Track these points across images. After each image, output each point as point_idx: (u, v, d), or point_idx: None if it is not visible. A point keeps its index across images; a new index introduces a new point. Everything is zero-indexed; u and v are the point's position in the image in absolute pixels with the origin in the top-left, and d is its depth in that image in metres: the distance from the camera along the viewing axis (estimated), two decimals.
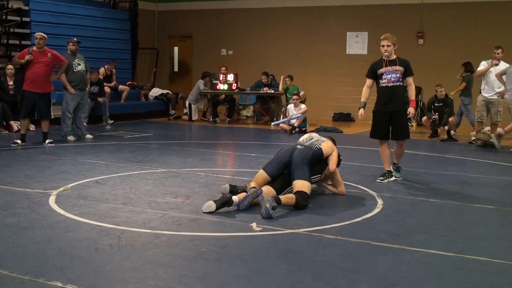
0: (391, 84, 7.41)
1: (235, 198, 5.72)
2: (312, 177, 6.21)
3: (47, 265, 4.10)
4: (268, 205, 5.43)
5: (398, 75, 7.37)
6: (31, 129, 12.31)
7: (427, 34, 16.05)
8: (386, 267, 4.22)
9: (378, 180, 7.48)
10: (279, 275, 4.00)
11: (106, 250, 4.45)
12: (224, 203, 5.63)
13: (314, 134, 6.70)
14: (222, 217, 5.49)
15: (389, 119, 7.50)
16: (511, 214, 6.06)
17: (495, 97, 11.55)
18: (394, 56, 7.43)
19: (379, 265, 4.26)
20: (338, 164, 6.58)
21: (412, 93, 7.48)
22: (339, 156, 6.61)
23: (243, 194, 5.86)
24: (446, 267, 4.25)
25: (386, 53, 7.37)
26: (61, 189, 6.55)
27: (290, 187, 6.05)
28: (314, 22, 17.41)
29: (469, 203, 6.39)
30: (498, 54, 11.55)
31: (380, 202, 6.29)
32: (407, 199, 6.51)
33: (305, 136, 6.66)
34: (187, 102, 16.01)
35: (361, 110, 7.73)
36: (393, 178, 7.58)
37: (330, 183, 6.66)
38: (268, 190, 5.93)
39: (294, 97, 13.73)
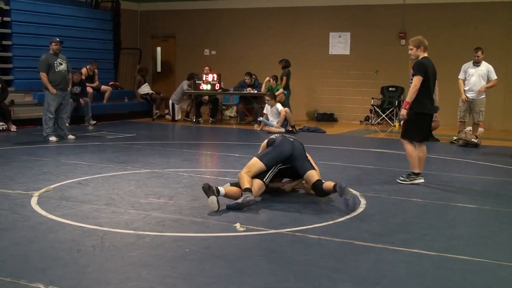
0: (410, 85, 7.41)
1: (221, 189, 5.85)
2: None
3: (29, 266, 4.07)
4: (348, 197, 5.85)
5: (412, 77, 7.36)
6: (12, 129, 12.23)
7: (409, 34, 16.10)
8: (369, 267, 4.25)
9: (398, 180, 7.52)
10: (263, 275, 4.01)
11: (88, 251, 4.43)
12: (213, 192, 5.70)
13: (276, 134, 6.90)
14: (205, 218, 5.49)
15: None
16: (492, 213, 6.12)
17: (478, 96, 11.62)
18: (419, 57, 7.39)
19: (362, 265, 4.28)
20: None
21: (408, 94, 7.26)
22: None
23: (234, 189, 6.00)
24: (428, 266, 4.28)
25: (411, 56, 7.48)
26: (43, 190, 6.50)
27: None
28: (297, 23, 17.44)
29: (451, 203, 6.44)
30: (478, 56, 11.65)
31: (363, 202, 6.32)
32: (389, 199, 6.54)
33: (275, 134, 6.79)
34: (170, 102, 15.99)
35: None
36: (417, 181, 7.40)
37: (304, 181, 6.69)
38: (257, 184, 6.08)
39: (267, 98, 13.71)
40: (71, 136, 11.22)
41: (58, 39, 11.10)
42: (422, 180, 7.41)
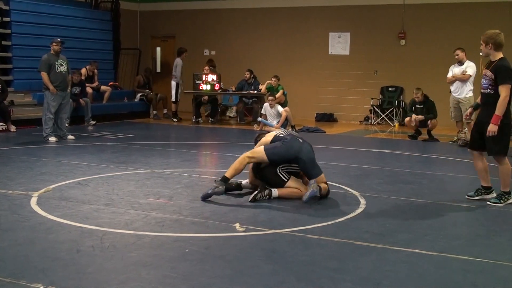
0: (482, 90, 6.43)
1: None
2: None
3: (29, 267, 4.06)
4: (315, 189, 6.08)
5: (486, 81, 6.32)
6: (12, 130, 12.21)
7: (409, 34, 16.14)
8: (370, 267, 4.24)
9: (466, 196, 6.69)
10: (263, 275, 4.00)
11: (88, 251, 4.42)
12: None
13: (283, 130, 7.00)
14: (205, 218, 5.48)
15: (480, 130, 6.45)
16: (492, 213, 6.11)
17: (463, 96, 11.59)
18: (496, 58, 6.34)
19: (363, 265, 4.27)
20: None
21: (498, 106, 6.12)
22: None
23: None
24: (429, 266, 4.27)
25: (480, 53, 6.64)
26: (43, 190, 6.49)
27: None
28: (297, 23, 17.43)
29: (452, 203, 6.43)
30: (457, 55, 11.74)
31: (363, 202, 6.31)
32: (389, 199, 6.53)
33: (283, 131, 6.78)
34: (172, 83, 15.92)
35: (470, 109, 7.02)
36: (489, 196, 6.55)
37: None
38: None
39: (270, 98, 13.68)
40: (70, 137, 11.20)
41: (59, 39, 11.07)
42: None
